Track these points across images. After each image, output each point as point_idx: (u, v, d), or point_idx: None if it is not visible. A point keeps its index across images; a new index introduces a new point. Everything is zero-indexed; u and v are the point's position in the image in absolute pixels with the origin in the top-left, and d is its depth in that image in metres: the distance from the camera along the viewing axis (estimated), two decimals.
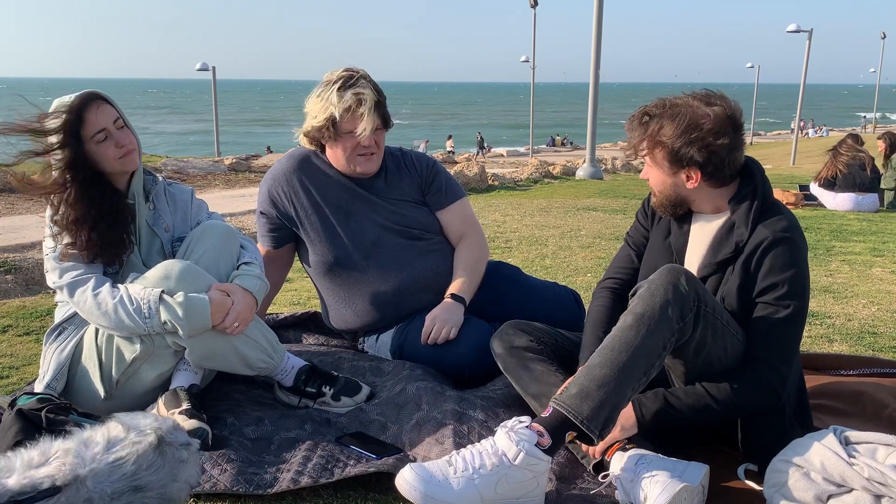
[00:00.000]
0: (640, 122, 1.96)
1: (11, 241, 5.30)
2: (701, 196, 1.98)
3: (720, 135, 1.87)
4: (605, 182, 12.19)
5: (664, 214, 2.08)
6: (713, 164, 1.90)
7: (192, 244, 2.24)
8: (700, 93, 1.94)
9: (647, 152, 1.96)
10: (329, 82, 2.46)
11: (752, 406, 1.86)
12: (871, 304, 3.83)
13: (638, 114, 1.97)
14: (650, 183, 2.03)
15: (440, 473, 1.67)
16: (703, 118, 1.87)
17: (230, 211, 7.43)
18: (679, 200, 2.00)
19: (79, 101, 2.09)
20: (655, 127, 1.92)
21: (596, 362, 1.76)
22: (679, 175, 1.94)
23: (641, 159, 2.00)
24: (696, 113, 1.88)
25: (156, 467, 1.47)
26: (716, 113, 1.88)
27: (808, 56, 20.38)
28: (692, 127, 1.87)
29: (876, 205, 7.66)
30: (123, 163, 2.17)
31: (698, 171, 1.92)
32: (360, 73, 2.48)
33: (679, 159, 1.91)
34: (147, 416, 1.58)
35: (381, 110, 2.48)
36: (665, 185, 1.98)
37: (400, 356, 2.55)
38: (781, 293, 1.85)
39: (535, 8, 25.41)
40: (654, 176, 2.00)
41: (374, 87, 2.47)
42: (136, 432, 1.49)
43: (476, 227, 2.73)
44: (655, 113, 1.93)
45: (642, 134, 1.95)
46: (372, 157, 2.54)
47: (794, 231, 1.88)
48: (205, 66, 20.29)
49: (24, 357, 2.88)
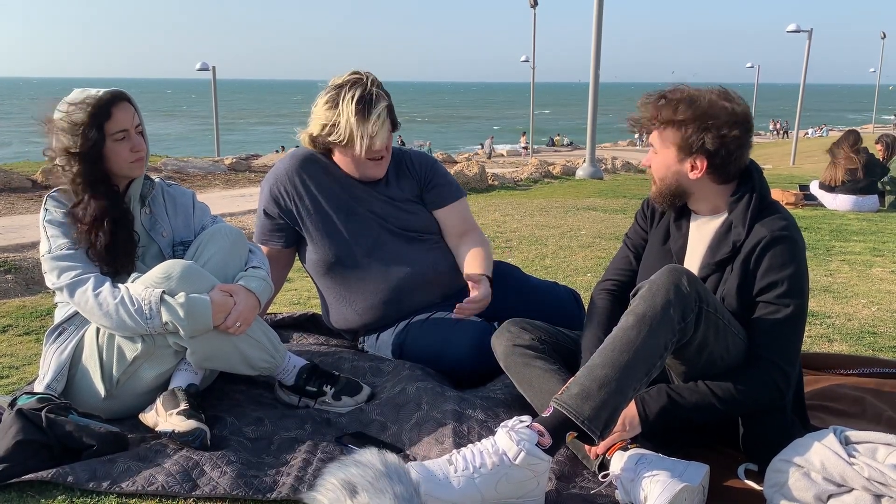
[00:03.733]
0: (656, 101, 1.95)
1: (11, 241, 5.30)
2: (701, 190, 1.97)
3: (734, 127, 1.87)
4: (605, 182, 12.19)
5: (661, 206, 2.07)
6: (721, 156, 1.90)
7: (200, 247, 2.24)
8: (718, 89, 1.94)
9: (657, 130, 1.95)
10: (340, 90, 2.40)
11: (756, 404, 1.86)
12: (871, 304, 3.83)
13: (655, 94, 1.96)
14: (652, 169, 2.01)
15: (441, 472, 1.67)
16: (721, 109, 1.88)
17: (230, 211, 7.43)
18: (679, 191, 1.99)
19: (110, 96, 2.12)
20: (671, 107, 1.91)
21: (597, 362, 1.76)
22: (685, 162, 1.93)
23: (645, 143, 1.99)
24: (715, 103, 1.89)
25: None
26: (734, 108, 1.89)
27: (807, 56, 20.39)
28: (709, 115, 1.87)
29: (876, 205, 7.66)
30: (132, 167, 2.18)
31: (705, 161, 1.91)
32: (370, 79, 2.43)
33: (689, 145, 1.90)
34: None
35: (391, 115, 2.47)
36: (668, 172, 1.97)
37: (400, 355, 2.55)
38: (781, 291, 1.85)
39: (534, 8, 25.41)
40: (659, 161, 1.98)
41: (383, 90, 2.45)
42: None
43: (476, 227, 2.72)
44: (673, 97, 1.93)
45: (656, 110, 1.94)
46: (381, 162, 2.54)
47: (791, 229, 1.89)
48: (205, 65, 20.28)
49: (24, 357, 2.88)
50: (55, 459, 1.86)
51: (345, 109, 2.39)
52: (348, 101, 2.39)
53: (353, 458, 1.57)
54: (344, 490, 1.50)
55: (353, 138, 2.42)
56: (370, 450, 1.58)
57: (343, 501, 1.49)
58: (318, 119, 2.47)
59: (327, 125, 2.45)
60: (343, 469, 1.54)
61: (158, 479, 1.80)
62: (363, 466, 1.53)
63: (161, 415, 2.02)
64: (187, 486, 1.79)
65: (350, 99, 2.38)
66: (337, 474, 1.53)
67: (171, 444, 1.96)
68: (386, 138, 2.45)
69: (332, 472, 1.55)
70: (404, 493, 1.50)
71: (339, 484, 1.51)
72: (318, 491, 1.54)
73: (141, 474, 1.82)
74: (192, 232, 2.35)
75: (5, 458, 1.81)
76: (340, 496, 1.49)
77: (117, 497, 1.76)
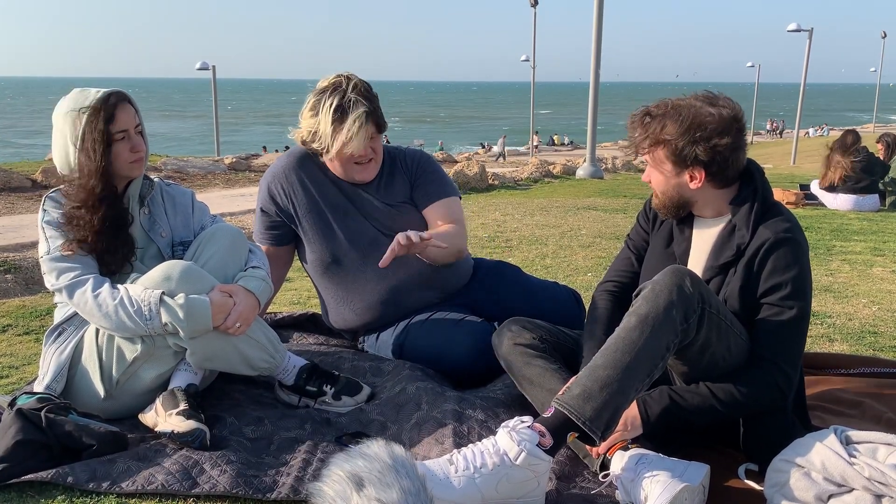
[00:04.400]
0: (641, 121, 1.95)
1: (11, 241, 5.30)
2: (704, 197, 1.97)
3: (724, 134, 1.86)
4: (605, 181, 12.18)
5: (666, 217, 2.07)
6: (717, 164, 1.89)
7: (200, 247, 2.24)
8: (702, 94, 1.93)
9: (648, 151, 1.95)
10: (321, 97, 2.40)
11: (758, 406, 1.86)
12: (872, 304, 3.83)
13: (640, 113, 1.96)
14: (652, 185, 2.02)
15: (441, 472, 1.67)
16: (707, 117, 1.87)
17: (230, 210, 7.43)
18: (682, 202, 1.99)
19: (113, 97, 2.12)
20: (658, 126, 1.91)
21: (599, 363, 1.76)
22: (682, 175, 1.94)
23: (643, 159, 1.99)
24: (700, 112, 1.87)
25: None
26: (720, 113, 1.87)
27: (808, 55, 20.39)
28: (696, 126, 1.86)
29: (877, 205, 7.65)
30: (132, 168, 2.18)
31: (702, 171, 1.91)
32: (351, 84, 2.40)
33: (683, 158, 1.90)
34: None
35: (374, 118, 2.43)
36: (668, 187, 1.97)
37: (400, 355, 2.55)
38: (785, 293, 1.85)
39: (535, 7, 25.41)
40: (657, 177, 1.98)
41: (364, 94, 2.40)
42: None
43: (463, 225, 2.61)
44: (657, 113, 1.92)
45: (644, 133, 1.94)
46: (369, 165, 2.52)
47: (795, 231, 1.88)
48: (205, 65, 20.28)
49: (23, 357, 2.88)
50: (55, 459, 1.86)
51: (323, 118, 2.39)
52: (326, 110, 2.38)
53: (360, 450, 1.52)
54: (350, 482, 1.46)
55: (332, 147, 2.42)
56: (377, 441, 1.54)
57: (349, 494, 1.45)
58: (304, 124, 2.47)
59: (311, 132, 2.45)
60: (350, 461, 1.49)
61: (158, 477, 1.80)
62: (370, 459, 1.49)
63: (160, 415, 2.01)
64: (187, 484, 1.79)
65: (329, 107, 2.38)
66: (343, 466, 1.49)
67: (171, 445, 1.96)
68: (363, 145, 2.41)
69: (338, 463, 1.50)
70: (412, 488, 1.46)
71: (345, 476, 1.47)
72: (323, 482, 1.50)
73: (140, 474, 1.82)
74: (191, 232, 2.35)
75: (5, 458, 1.81)
76: (346, 489, 1.45)
77: (117, 497, 1.76)
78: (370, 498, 1.42)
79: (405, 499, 1.43)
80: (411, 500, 1.44)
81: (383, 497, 1.42)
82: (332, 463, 1.52)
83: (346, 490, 1.45)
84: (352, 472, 1.47)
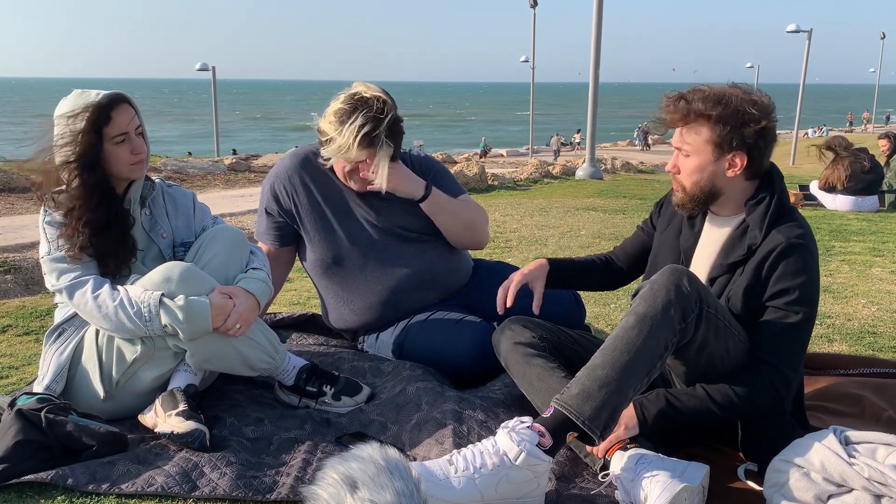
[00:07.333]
0: (677, 101, 1.89)
1: (11, 241, 5.29)
2: (732, 189, 1.93)
3: (765, 118, 1.85)
4: (604, 182, 12.18)
5: (685, 212, 2.02)
6: (759, 150, 1.87)
7: (202, 248, 2.23)
8: (733, 85, 1.90)
9: (688, 130, 1.88)
10: (355, 112, 2.31)
11: (755, 409, 1.85)
12: (871, 304, 3.83)
13: (675, 94, 1.91)
14: (682, 174, 1.94)
15: (441, 472, 1.67)
16: (749, 102, 1.84)
17: (230, 211, 7.42)
18: (711, 193, 1.93)
19: (108, 100, 2.09)
20: (701, 105, 1.85)
21: (598, 362, 1.76)
22: (722, 161, 1.89)
23: (674, 146, 1.91)
24: (740, 97, 1.85)
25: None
26: (761, 98, 1.86)
27: (807, 56, 20.39)
28: (741, 109, 1.83)
29: (876, 206, 7.66)
30: (133, 170, 2.17)
31: (745, 156, 1.87)
32: (387, 118, 2.32)
33: (729, 140, 1.85)
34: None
35: (394, 155, 2.41)
36: (703, 174, 1.91)
37: (400, 355, 2.55)
38: (792, 299, 1.84)
39: (534, 8, 25.41)
40: (691, 163, 1.91)
41: (393, 129, 2.36)
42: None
43: (483, 211, 2.66)
44: (695, 97, 1.87)
45: (687, 107, 1.87)
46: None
47: (808, 239, 1.87)
48: (205, 65, 20.28)
49: (23, 357, 2.88)
50: (55, 460, 1.86)
51: (348, 133, 2.32)
52: (355, 129, 2.31)
53: (354, 452, 1.54)
54: (344, 485, 1.47)
55: (335, 160, 2.43)
56: (371, 444, 1.56)
57: (343, 496, 1.46)
58: (325, 125, 2.41)
59: (327, 136, 2.40)
60: (343, 463, 1.51)
61: (158, 480, 1.80)
62: (364, 461, 1.50)
63: (160, 416, 2.01)
64: (187, 486, 1.79)
65: (358, 127, 2.30)
66: (337, 468, 1.50)
67: (171, 445, 1.96)
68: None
69: (332, 465, 1.52)
70: (405, 490, 1.47)
71: (339, 478, 1.48)
72: (318, 485, 1.51)
73: (140, 476, 1.82)
74: (192, 233, 2.35)
75: (5, 458, 1.81)
76: (340, 491, 1.47)
77: (117, 498, 1.76)
78: (364, 500, 1.44)
79: (399, 500, 1.44)
80: (405, 501, 1.45)
81: (377, 499, 1.44)
82: (327, 465, 1.54)
83: (339, 492, 1.47)
84: (345, 475, 1.49)
